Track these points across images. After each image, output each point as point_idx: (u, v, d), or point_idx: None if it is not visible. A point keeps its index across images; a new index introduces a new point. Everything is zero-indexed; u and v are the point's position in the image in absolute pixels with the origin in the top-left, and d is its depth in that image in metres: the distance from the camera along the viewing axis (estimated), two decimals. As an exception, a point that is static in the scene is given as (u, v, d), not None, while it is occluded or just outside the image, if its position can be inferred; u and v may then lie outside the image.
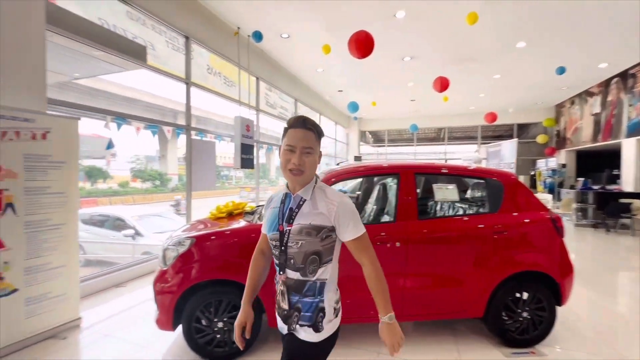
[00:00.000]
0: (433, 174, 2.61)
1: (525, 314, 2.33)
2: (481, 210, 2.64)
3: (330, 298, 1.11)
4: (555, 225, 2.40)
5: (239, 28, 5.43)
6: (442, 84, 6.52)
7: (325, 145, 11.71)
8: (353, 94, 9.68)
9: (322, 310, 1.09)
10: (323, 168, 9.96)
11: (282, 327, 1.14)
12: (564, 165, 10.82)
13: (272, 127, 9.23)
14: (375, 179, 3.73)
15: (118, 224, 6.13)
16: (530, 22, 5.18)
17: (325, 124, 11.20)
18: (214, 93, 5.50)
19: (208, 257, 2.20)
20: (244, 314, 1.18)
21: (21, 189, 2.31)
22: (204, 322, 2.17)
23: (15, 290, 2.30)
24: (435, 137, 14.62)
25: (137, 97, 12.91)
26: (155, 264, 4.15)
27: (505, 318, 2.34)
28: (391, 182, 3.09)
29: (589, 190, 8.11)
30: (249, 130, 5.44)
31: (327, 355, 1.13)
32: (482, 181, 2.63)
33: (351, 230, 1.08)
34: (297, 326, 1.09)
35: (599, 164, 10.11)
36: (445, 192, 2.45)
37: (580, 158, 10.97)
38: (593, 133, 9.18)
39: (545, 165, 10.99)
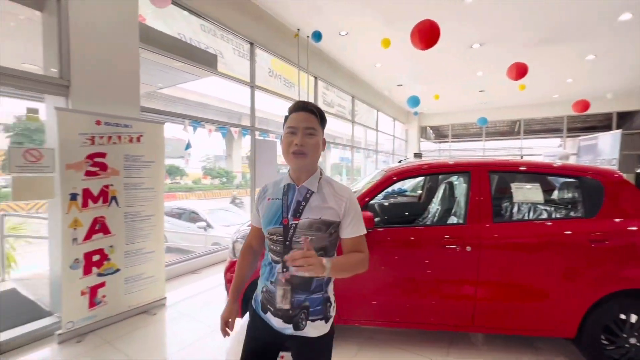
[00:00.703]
0: (510, 172, 2.33)
1: (633, 340, 1.94)
2: (572, 214, 2.28)
3: (331, 287, 1.11)
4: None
5: (298, 30, 5.58)
6: (519, 71, 5.79)
7: (382, 142, 11.41)
8: (413, 87, 9.22)
9: (328, 299, 1.08)
10: (381, 166, 9.73)
11: (283, 328, 1.04)
12: (684, 162, 8.76)
13: (329, 126, 9.33)
14: (440, 177, 3.49)
15: (193, 216, 6.85)
16: (639, -12, 4.28)
17: (383, 121, 10.91)
18: (275, 94, 5.76)
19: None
20: (228, 310, 1.18)
21: (122, 184, 2.73)
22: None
23: (118, 270, 2.72)
24: (508, 130, 13.10)
25: (208, 103, 14.26)
26: (223, 255, 4.56)
27: (606, 343, 1.98)
28: (458, 181, 2.86)
29: None
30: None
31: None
32: (573, 180, 2.26)
33: (353, 227, 1.04)
34: (308, 322, 1.03)
35: None
36: (527, 193, 2.17)
37: None
38: None
39: (656, 161, 9.03)
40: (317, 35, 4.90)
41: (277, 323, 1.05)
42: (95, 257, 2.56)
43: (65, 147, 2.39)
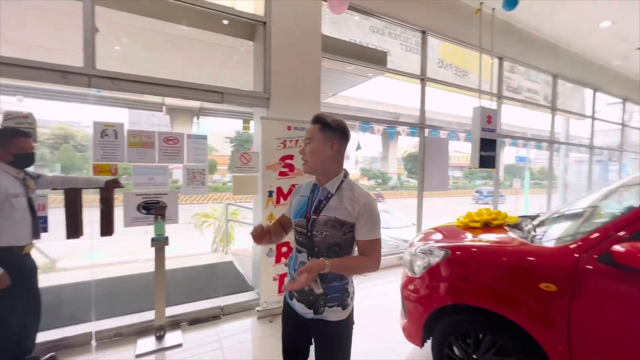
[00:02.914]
0: None
1: None
2: None
3: (351, 281, 1.26)
4: None
5: (481, 3, 4.64)
6: None
7: (597, 135, 8.12)
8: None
9: (347, 290, 1.23)
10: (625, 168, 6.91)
11: (305, 312, 1.21)
12: None
13: (504, 119, 7.49)
14: None
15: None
16: None
17: (603, 101, 7.74)
18: (448, 85, 5.05)
19: (465, 275, 1.81)
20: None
21: (305, 184, 2.95)
22: (457, 352, 1.81)
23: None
24: None
25: (365, 107, 14.82)
26: (390, 260, 4.33)
27: None
28: None
29: None
30: (490, 122, 4.54)
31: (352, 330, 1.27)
32: None
33: (366, 231, 1.16)
34: (326, 308, 1.18)
35: None
36: None
37: None
38: None
39: None
40: (512, 2, 3.85)
41: (300, 308, 1.23)
42: (284, 249, 2.86)
43: (266, 150, 2.78)
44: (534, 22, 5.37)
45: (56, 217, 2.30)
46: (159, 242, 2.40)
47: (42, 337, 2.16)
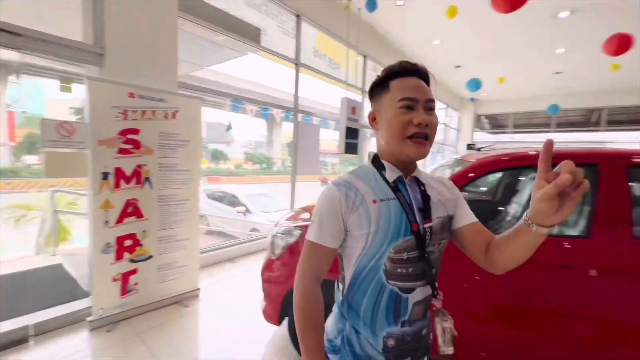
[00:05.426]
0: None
1: None
2: None
3: None
4: None
5: (349, 0, 5.01)
6: (621, 43, 4.66)
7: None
8: (475, 69, 8.15)
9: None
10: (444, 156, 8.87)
11: None
12: None
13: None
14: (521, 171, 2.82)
15: (233, 200, 6.77)
16: None
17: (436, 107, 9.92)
18: (320, 74, 5.32)
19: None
20: None
21: (156, 165, 2.50)
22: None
23: (150, 257, 2.54)
24: (583, 121, 11.30)
25: (248, 88, 14.20)
26: (261, 244, 4.32)
27: None
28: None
29: None
30: (354, 112, 5.05)
31: None
32: None
33: (469, 210, 0.83)
34: None
35: None
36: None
37: None
38: None
39: None
40: (372, 4, 4.30)
41: None
42: (128, 242, 2.38)
43: (98, 121, 2.19)
44: (391, 30, 6.23)
45: None
46: None
47: None
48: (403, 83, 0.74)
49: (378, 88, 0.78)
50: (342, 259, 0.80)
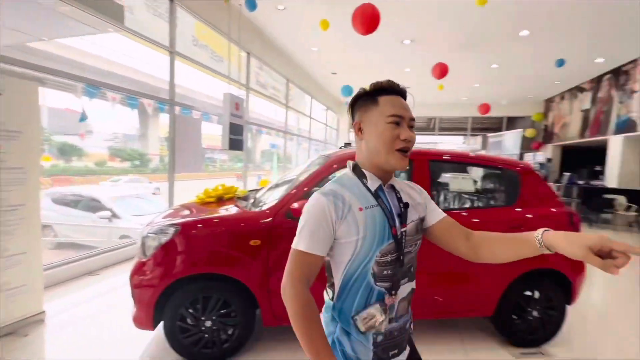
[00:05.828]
0: (450, 162, 2.40)
1: (535, 313, 2.21)
2: (492, 202, 2.48)
3: None
4: (572, 221, 2.26)
5: (230, -5, 4.94)
6: (442, 71, 6.30)
7: (314, 130, 11.36)
8: (347, 77, 9.32)
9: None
10: (312, 154, 9.66)
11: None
12: (549, 160, 11.01)
13: (260, 110, 8.79)
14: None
15: (93, 205, 5.67)
16: (536, 8, 4.97)
17: (316, 108, 10.83)
18: (200, 65, 5.05)
19: (195, 248, 1.92)
20: None
21: (-34, 162, 1.93)
22: (189, 320, 1.92)
23: (-39, 282, 1.95)
24: (425, 127, 14.55)
25: (113, 70, 11.85)
26: (133, 251, 3.82)
27: (515, 317, 2.21)
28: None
29: (574, 185, 8.26)
30: (238, 109, 5.05)
31: None
32: (497, 172, 2.45)
33: (437, 208, 0.93)
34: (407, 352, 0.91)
35: (583, 159, 10.32)
36: (461, 183, 2.25)
37: (565, 153, 11.18)
38: (581, 129, 9.29)
39: (533, 159, 11.14)
40: (252, 3, 4.37)
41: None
42: None
43: None
44: (274, 32, 6.44)
45: None
46: None
47: None
48: (393, 101, 0.81)
49: (365, 100, 0.84)
50: (329, 266, 0.85)
